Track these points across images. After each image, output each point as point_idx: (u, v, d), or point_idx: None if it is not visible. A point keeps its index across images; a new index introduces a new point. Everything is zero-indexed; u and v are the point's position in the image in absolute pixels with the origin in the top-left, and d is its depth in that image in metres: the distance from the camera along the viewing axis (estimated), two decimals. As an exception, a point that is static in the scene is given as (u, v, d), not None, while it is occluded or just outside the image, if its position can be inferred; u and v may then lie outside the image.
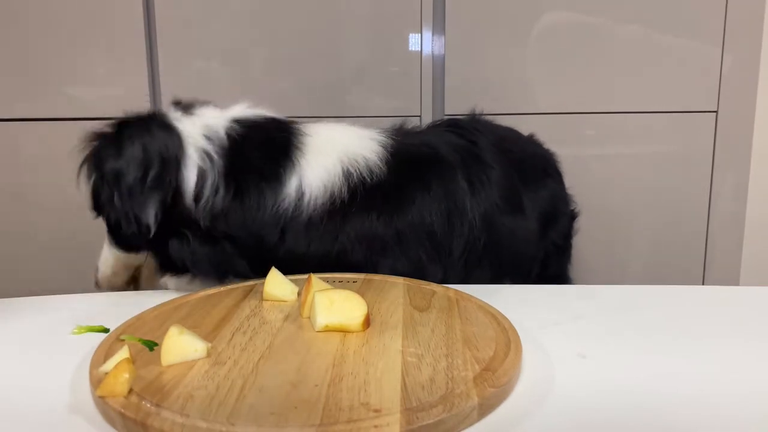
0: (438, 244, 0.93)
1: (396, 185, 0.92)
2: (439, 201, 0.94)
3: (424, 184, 0.94)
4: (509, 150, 1.08)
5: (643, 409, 0.53)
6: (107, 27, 1.39)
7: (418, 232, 0.92)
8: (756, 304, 0.80)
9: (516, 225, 1.02)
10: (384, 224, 0.91)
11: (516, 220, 1.03)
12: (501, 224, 0.99)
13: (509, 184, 1.03)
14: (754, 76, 1.41)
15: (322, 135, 0.97)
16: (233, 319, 0.69)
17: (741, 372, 0.60)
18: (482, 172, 1.00)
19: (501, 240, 1.00)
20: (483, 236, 0.96)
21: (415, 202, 0.92)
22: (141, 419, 0.48)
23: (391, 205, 0.92)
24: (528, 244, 1.07)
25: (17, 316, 0.78)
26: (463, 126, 1.08)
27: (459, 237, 0.95)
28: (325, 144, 0.95)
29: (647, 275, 1.50)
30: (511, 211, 1.02)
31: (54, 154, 1.42)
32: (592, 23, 1.40)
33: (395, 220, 0.91)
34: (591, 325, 0.72)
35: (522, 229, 1.04)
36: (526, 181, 1.08)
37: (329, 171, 0.91)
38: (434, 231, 0.93)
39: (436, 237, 0.93)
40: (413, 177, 0.95)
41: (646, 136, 1.45)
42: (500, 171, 1.02)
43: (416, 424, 0.47)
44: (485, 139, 1.05)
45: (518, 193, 1.05)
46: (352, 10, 1.41)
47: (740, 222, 1.47)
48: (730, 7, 1.38)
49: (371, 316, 0.68)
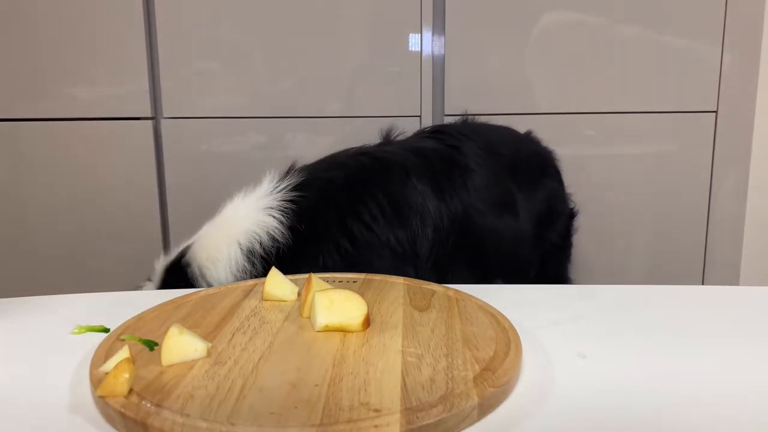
0: (398, 247, 0.95)
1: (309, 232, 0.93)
2: (384, 206, 0.96)
3: (353, 200, 0.96)
4: (500, 153, 1.10)
5: (643, 409, 0.53)
6: (107, 27, 1.39)
7: (366, 249, 0.94)
8: (756, 304, 0.80)
9: (504, 226, 1.05)
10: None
11: (503, 221, 1.05)
12: (482, 226, 1.01)
13: (495, 186, 1.05)
14: (754, 76, 1.42)
15: (198, 246, 0.98)
16: (233, 319, 0.69)
17: (741, 372, 0.60)
18: (457, 175, 1.02)
19: (483, 241, 1.02)
20: (452, 237, 0.98)
21: (345, 225, 0.94)
22: (141, 419, 0.48)
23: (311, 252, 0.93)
24: (520, 245, 1.09)
25: (17, 316, 0.78)
26: (448, 132, 1.10)
27: (423, 237, 0.97)
28: (206, 249, 0.96)
29: (647, 275, 1.50)
30: (497, 213, 1.04)
31: (54, 154, 1.42)
32: (591, 23, 1.40)
33: (327, 259, 0.93)
34: (591, 325, 0.72)
35: (511, 230, 1.06)
36: (520, 182, 1.09)
37: (229, 262, 0.93)
38: (386, 239, 0.95)
39: (389, 243, 0.95)
40: (332, 205, 0.96)
41: (645, 136, 1.45)
42: (483, 174, 1.04)
43: (416, 424, 0.47)
44: (471, 143, 1.07)
45: (509, 194, 1.07)
46: (352, 10, 1.41)
47: (740, 222, 1.48)
48: (730, 7, 1.38)
49: (371, 316, 0.68)
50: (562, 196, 1.20)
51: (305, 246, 0.93)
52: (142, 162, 1.43)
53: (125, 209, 1.44)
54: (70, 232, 1.43)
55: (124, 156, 1.43)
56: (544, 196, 1.14)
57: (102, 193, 1.43)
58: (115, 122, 1.42)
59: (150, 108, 1.41)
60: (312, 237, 0.94)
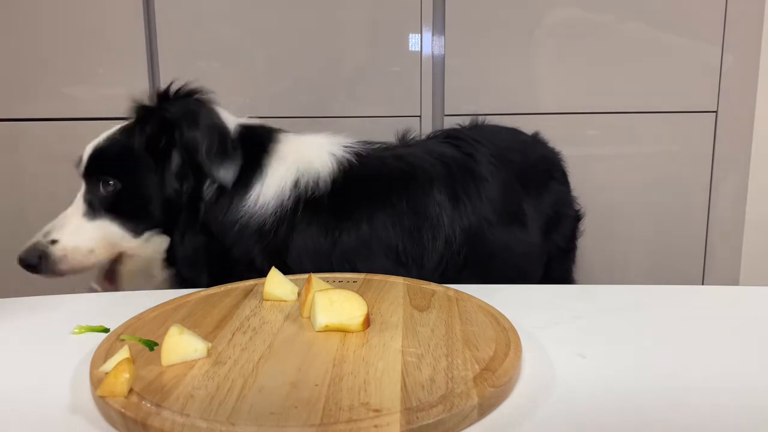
0: (404, 257, 0.93)
1: (345, 200, 0.93)
2: (402, 215, 0.94)
3: (382, 199, 0.94)
4: (510, 160, 1.07)
5: (643, 409, 0.53)
6: (107, 27, 1.39)
7: (373, 246, 0.92)
8: (756, 304, 0.80)
9: (513, 238, 1.02)
10: (330, 238, 0.91)
11: (513, 233, 1.02)
12: (493, 238, 0.98)
13: (507, 196, 1.02)
14: (754, 76, 1.42)
15: (289, 143, 0.99)
16: (233, 319, 0.69)
17: (741, 372, 0.60)
18: (472, 185, 0.99)
19: (494, 253, 0.99)
20: (464, 250, 0.96)
21: (370, 217, 0.93)
22: (141, 419, 0.48)
23: (338, 219, 0.92)
24: (528, 259, 1.06)
25: (17, 316, 0.78)
26: (462, 138, 1.07)
27: (432, 251, 0.94)
28: (288, 153, 0.97)
29: (647, 275, 1.50)
30: (507, 224, 1.01)
31: (54, 154, 1.42)
32: (591, 23, 1.40)
33: (344, 234, 0.91)
34: (591, 325, 0.72)
35: (520, 242, 1.03)
36: (528, 188, 1.06)
37: (284, 180, 0.93)
38: (395, 245, 0.93)
39: (397, 250, 0.93)
40: (368, 192, 0.95)
41: (645, 136, 1.45)
42: (496, 184, 1.01)
43: (416, 424, 0.47)
44: (484, 150, 1.04)
45: (518, 204, 1.04)
46: (352, 10, 1.41)
47: (740, 222, 1.48)
48: (730, 7, 1.38)
49: (371, 316, 0.68)
50: (568, 199, 1.19)
51: (335, 207, 0.92)
52: (142, 162, 1.42)
53: (125, 209, 1.44)
54: (70, 232, 1.43)
55: (124, 156, 1.43)
56: (551, 201, 1.11)
57: (102, 193, 1.43)
58: (115, 122, 1.42)
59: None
60: (344, 204, 0.93)
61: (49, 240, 0.92)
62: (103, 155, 0.96)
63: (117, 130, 0.99)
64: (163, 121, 0.94)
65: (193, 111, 0.94)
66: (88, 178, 0.96)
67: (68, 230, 0.93)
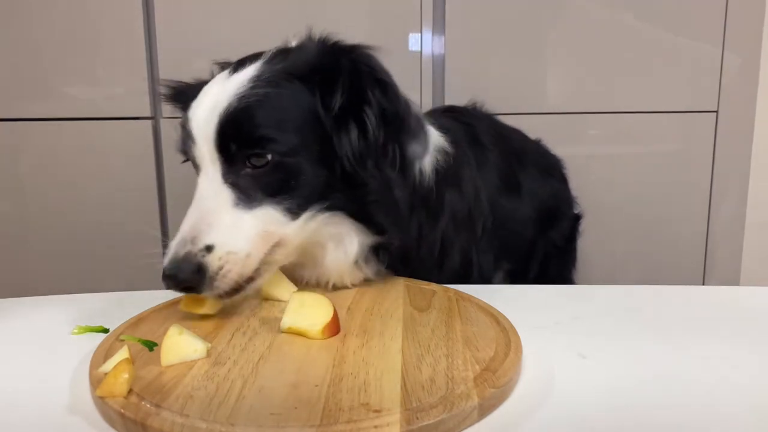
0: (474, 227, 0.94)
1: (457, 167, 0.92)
2: (473, 182, 0.95)
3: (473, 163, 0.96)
4: (508, 137, 1.10)
5: (642, 409, 0.53)
6: (107, 27, 1.39)
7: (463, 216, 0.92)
8: (756, 304, 0.80)
9: (513, 206, 1.04)
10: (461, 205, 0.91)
11: (513, 201, 1.04)
12: (501, 205, 1.01)
13: (506, 166, 1.05)
14: (754, 76, 1.41)
15: None
16: (233, 319, 0.69)
17: (741, 372, 0.60)
18: (481, 153, 1.00)
19: (504, 222, 1.01)
20: (490, 218, 0.97)
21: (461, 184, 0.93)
22: (141, 419, 0.48)
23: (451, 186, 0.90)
24: (524, 226, 1.08)
25: (17, 316, 0.78)
26: (460, 110, 1.10)
27: (479, 218, 0.95)
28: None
29: (647, 275, 1.50)
30: (508, 191, 1.04)
31: (54, 154, 1.42)
32: (591, 23, 1.40)
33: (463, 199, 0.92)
34: (591, 325, 0.72)
35: (518, 210, 1.06)
36: (524, 166, 1.08)
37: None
38: (472, 214, 0.93)
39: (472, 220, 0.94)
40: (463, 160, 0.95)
41: (646, 136, 1.45)
42: (497, 153, 1.03)
43: (416, 424, 0.47)
44: (483, 123, 1.07)
45: (514, 174, 1.07)
46: (352, 10, 1.40)
47: (740, 222, 1.47)
48: (731, 7, 1.38)
49: (371, 315, 0.68)
50: (567, 198, 1.20)
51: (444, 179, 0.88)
52: (142, 162, 1.42)
53: (125, 209, 1.44)
54: (69, 231, 1.43)
55: (124, 156, 1.42)
56: (549, 192, 1.13)
57: (101, 193, 1.43)
58: (115, 122, 1.42)
59: (149, 108, 1.41)
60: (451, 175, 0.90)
61: (202, 247, 0.68)
62: (253, 121, 0.71)
63: (252, 85, 0.76)
64: (355, 79, 0.79)
65: (387, 73, 0.82)
66: (226, 153, 0.71)
67: (223, 230, 0.69)
